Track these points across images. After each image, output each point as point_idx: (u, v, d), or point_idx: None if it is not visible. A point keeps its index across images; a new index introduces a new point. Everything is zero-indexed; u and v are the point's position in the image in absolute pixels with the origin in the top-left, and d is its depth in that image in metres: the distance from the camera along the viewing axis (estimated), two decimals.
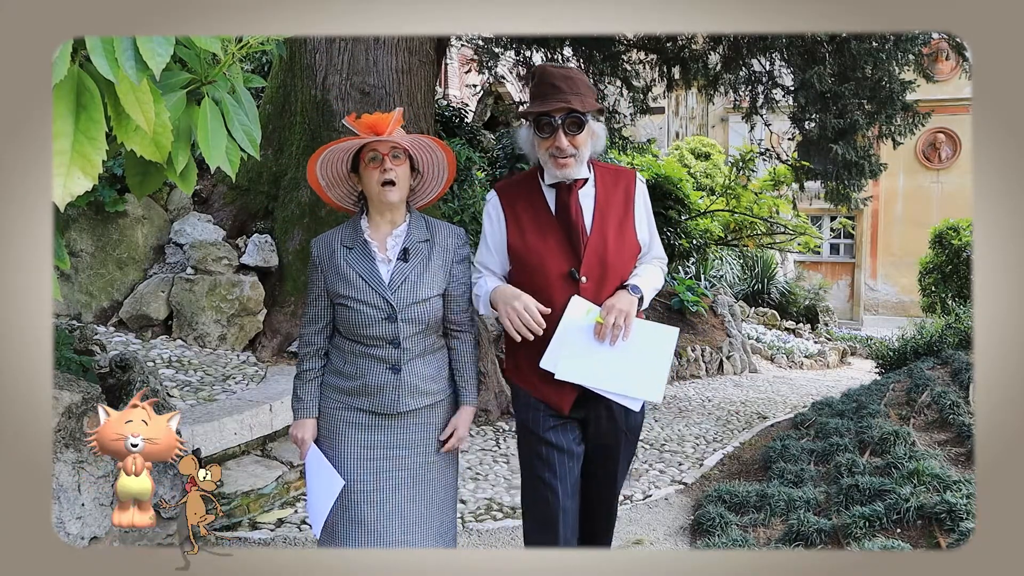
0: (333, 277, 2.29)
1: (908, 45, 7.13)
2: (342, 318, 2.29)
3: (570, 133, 2.23)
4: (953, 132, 17.06)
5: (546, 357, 2.26)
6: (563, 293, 2.27)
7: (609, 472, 2.45)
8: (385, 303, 2.24)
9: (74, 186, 1.32)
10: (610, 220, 2.33)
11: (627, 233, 2.36)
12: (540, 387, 2.32)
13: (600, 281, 2.29)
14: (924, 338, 6.56)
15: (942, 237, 11.02)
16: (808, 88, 7.25)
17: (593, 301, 2.28)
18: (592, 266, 2.29)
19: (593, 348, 2.25)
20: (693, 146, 15.76)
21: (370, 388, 2.28)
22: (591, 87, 2.34)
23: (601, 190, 2.35)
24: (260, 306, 5.58)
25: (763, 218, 12.19)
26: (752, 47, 7.77)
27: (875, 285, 18.31)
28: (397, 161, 2.23)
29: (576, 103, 2.22)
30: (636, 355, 2.27)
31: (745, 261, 14.28)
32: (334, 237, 2.34)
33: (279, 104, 6.11)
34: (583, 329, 2.25)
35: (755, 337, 11.33)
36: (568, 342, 2.25)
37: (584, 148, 2.28)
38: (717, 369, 9.15)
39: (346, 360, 2.32)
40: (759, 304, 13.77)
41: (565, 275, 2.28)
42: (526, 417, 2.38)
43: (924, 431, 4.32)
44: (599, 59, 8.77)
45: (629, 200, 2.37)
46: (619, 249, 2.33)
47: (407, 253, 2.28)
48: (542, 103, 2.24)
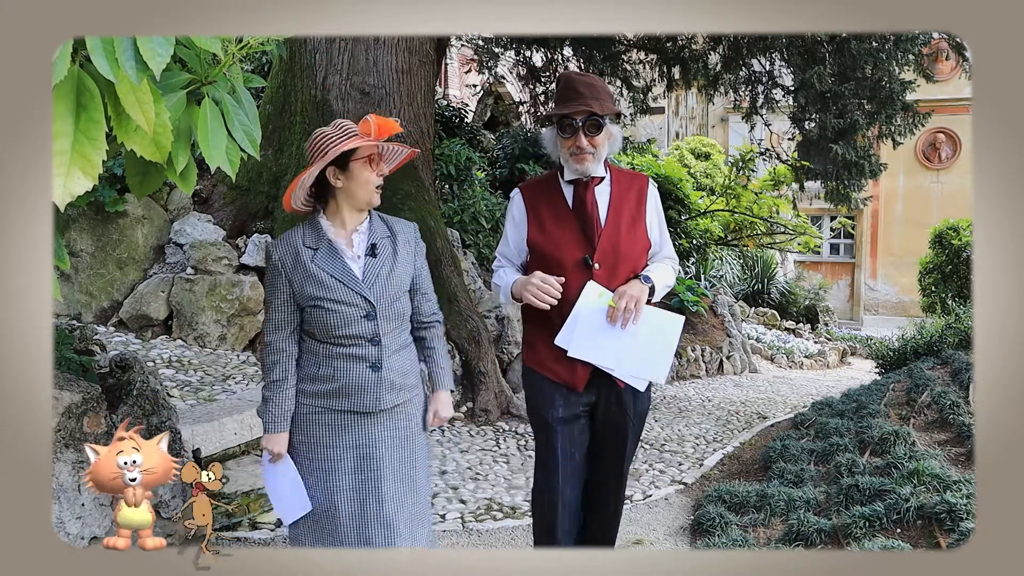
0: (302, 280, 2.22)
1: (908, 45, 7.13)
2: (316, 320, 2.23)
3: (589, 134, 2.45)
4: (953, 132, 17.06)
5: (561, 335, 2.46)
6: (577, 278, 2.46)
7: (617, 456, 2.62)
8: (363, 301, 2.23)
9: (74, 186, 1.32)
10: (623, 215, 2.53)
11: (639, 229, 2.55)
12: (555, 368, 2.52)
13: (612, 269, 2.49)
14: (924, 338, 6.56)
15: (942, 237, 11.02)
16: (808, 88, 7.25)
17: (605, 287, 2.46)
18: (605, 254, 2.48)
19: (604, 330, 2.44)
20: (693, 146, 15.77)
21: (349, 388, 2.25)
22: (610, 94, 2.55)
23: (616, 188, 2.56)
24: (260, 306, 5.58)
25: (763, 218, 12.20)
26: (752, 47, 7.77)
27: (875, 285, 18.31)
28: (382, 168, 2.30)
29: (596, 107, 2.43)
30: (644, 339, 2.46)
31: (745, 261, 14.28)
32: (294, 238, 2.27)
33: (279, 104, 6.12)
34: (596, 311, 2.44)
35: (755, 337, 11.33)
36: (581, 323, 2.44)
37: (602, 148, 2.50)
38: (717, 369, 9.15)
39: (320, 363, 2.26)
40: (759, 304, 13.77)
41: (579, 262, 2.48)
42: (538, 403, 2.57)
43: (924, 431, 4.32)
44: (599, 59, 8.78)
45: (642, 200, 2.58)
46: (631, 241, 2.52)
47: (374, 248, 2.28)
48: (565, 106, 2.46)
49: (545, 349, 2.53)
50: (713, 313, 10.00)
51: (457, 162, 7.61)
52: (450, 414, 2.47)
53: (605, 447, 2.60)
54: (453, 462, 4.71)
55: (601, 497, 2.67)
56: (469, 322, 5.75)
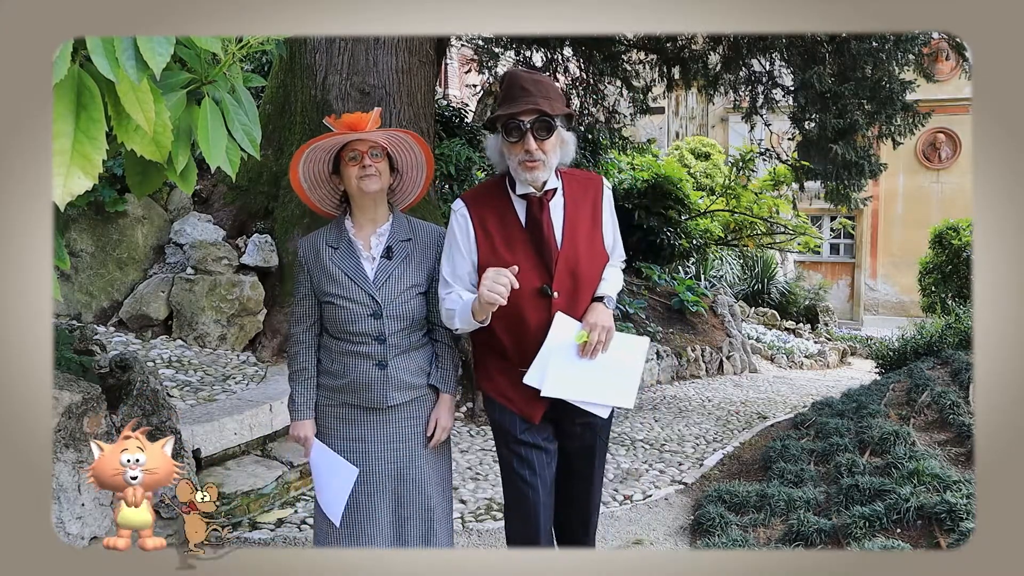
0: (319, 276, 2.35)
1: (908, 45, 7.13)
2: (329, 316, 2.35)
3: (538, 138, 2.19)
4: (953, 132, 17.05)
5: (531, 374, 2.27)
6: (535, 308, 2.27)
7: (586, 469, 2.48)
8: (371, 299, 2.30)
9: (74, 186, 1.32)
10: (580, 233, 2.32)
11: (596, 244, 2.36)
12: (513, 398, 2.35)
13: (572, 295, 2.30)
14: (924, 338, 6.55)
15: (942, 237, 11.01)
16: (808, 88, 7.25)
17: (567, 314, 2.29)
18: (564, 280, 2.28)
19: (575, 364, 2.29)
20: (693, 146, 15.76)
21: (357, 384, 2.32)
22: (560, 94, 2.30)
23: (570, 202, 2.33)
24: (260, 306, 5.58)
25: (763, 218, 12.19)
26: (752, 47, 7.77)
27: (875, 285, 18.31)
28: (376, 159, 2.29)
29: (545, 106, 2.18)
30: (612, 365, 2.34)
31: (745, 261, 14.28)
32: (319, 237, 2.40)
33: (279, 104, 6.11)
34: (567, 347, 2.28)
35: (755, 337, 11.33)
36: (553, 362, 2.28)
37: (552, 154, 2.24)
38: (717, 369, 9.14)
39: (333, 359, 2.37)
40: (759, 304, 13.77)
41: (537, 291, 2.27)
42: (500, 420, 2.41)
43: (924, 431, 4.32)
44: (599, 59, 8.77)
45: (597, 210, 2.37)
46: (590, 262, 2.33)
47: (390, 251, 2.35)
48: (510, 106, 2.20)
49: (500, 376, 2.37)
50: (713, 313, 9.99)
51: (457, 162, 7.60)
52: (449, 423, 2.43)
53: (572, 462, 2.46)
54: (453, 462, 4.71)
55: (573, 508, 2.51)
56: None
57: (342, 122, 2.23)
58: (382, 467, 2.33)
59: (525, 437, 2.37)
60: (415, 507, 2.35)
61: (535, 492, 2.37)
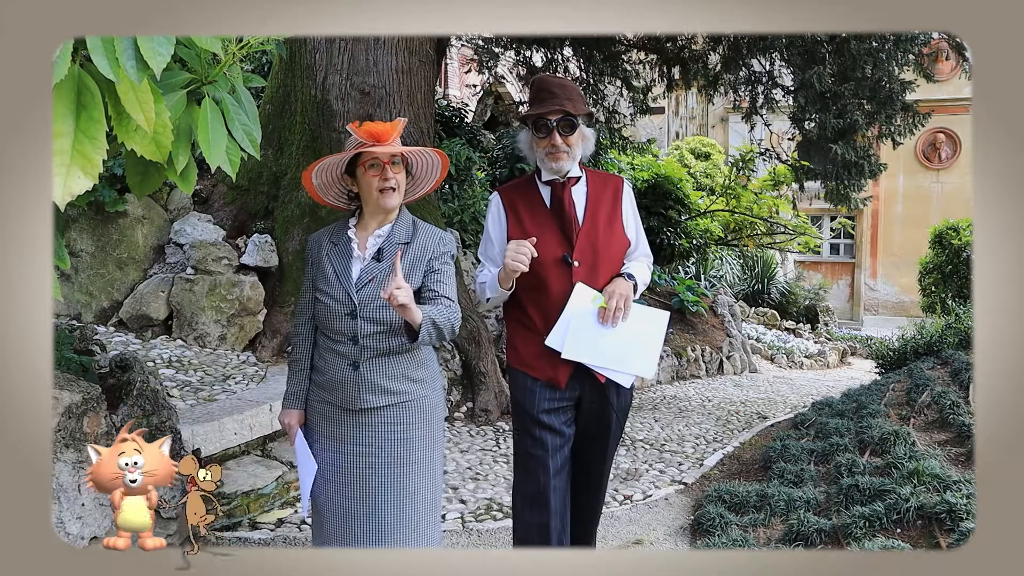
0: (316, 270, 2.39)
1: (908, 45, 7.13)
2: (316, 311, 2.39)
3: (563, 134, 2.54)
4: (953, 132, 17.06)
5: (552, 337, 2.51)
6: (558, 276, 2.54)
7: (599, 451, 2.68)
8: (348, 298, 2.30)
9: (74, 186, 1.32)
10: (600, 213, 2.61)
11: (616, 226, 2.63)
12: (537, 366, 2.57)
13: (592, 267, 2.56)
14: (924, 338, 6.55)
15: (942, 237, 11.01)
16: (808, 88, 7.25)
17: (587, 284, 2.53)
18: (584, 252, 2.56)
19: (596, 330, 2.50)
20: (693, 146, 15.77)
21: (333, 383, 2.34)
22: (582, 96, 2.67)
23: (592, 189, 2.64)
24: (260, 306, 5.58)
25: (763, 218, 12.20)
26: (752, 47, 7.77)
27: (875, 285, 18.31)
28: (395, 168, 2.29)
29: (569, 107, 2.52)
30: (632, 336, 2.52)
31: (745, 261, 14.28)
32: (323, 233, 2.45)
33: (279, 104, 6.11)
34: (587, 313, 2.50)
35: (755, 337, 11.33)
36: (573, 325, 2.49)
37: (576, 147, 2.58)
38: (717, 369, 9.14)
39: (319, 355, 2.41)
40: (759, 304, 13.77)
41: (559, 260, 2.55)
42: (523, 398, 2.61)
43: (924, 431, 4.32)
44: (599, 59, 8.77)
45: (617, 200, 2.66)
46: (608, 239, 2.60)
47: (381, 254, 2.33)
48: (539, 107, 2.55)
49: (526, 348, 2.60)
50: (713, 313, 9.99)
51: (457, 162, 7.60)
52: (398, 296, 2.08)
53: (589, 440, 2.65)
54: (453, 462, 4.71)
55: (582, 492, 2.69)
56: (469, 322, 5.75)
57: (365, 130, 2.20)
58: (356, 470, 2.30)
59: (543, 418, 2.56)
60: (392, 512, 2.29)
61: (546, 472, 2.55)
